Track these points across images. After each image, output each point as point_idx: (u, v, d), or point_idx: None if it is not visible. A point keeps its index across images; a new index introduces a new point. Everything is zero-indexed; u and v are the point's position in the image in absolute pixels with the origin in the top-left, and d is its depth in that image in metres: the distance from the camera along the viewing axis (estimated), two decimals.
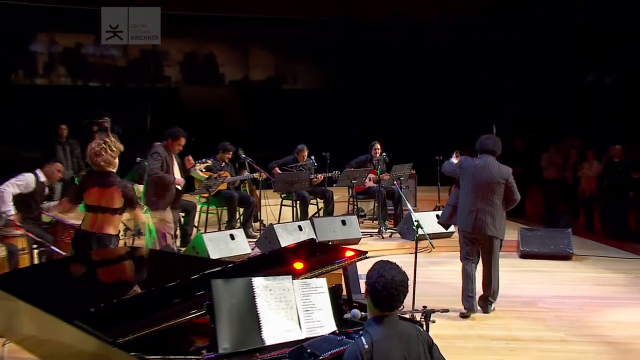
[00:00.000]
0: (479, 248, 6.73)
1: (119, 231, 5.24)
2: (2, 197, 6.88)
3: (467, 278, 6.73)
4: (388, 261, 3.12)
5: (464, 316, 6.62)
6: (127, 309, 3.56)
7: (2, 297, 4.40)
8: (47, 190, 7.55)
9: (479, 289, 6.77)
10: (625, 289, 8.17)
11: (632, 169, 11.61)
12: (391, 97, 14.27)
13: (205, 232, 8.75)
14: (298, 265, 3.76)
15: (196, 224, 9.32)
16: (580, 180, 12.57)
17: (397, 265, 3.10)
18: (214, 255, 7.93)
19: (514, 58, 14.27)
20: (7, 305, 4.37)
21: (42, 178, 7.39)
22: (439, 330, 3.98)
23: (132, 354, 3.19)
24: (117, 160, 5.18)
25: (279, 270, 3.67)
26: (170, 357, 3.24)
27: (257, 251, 8.67)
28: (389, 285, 2.98)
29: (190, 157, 8.30)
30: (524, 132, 14.23)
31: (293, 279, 3.53)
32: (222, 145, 9.41)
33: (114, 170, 5.17)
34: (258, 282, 3.43)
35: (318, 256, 4.05)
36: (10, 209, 6.90)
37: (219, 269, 3.89)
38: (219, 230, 9.03)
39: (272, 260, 4.06)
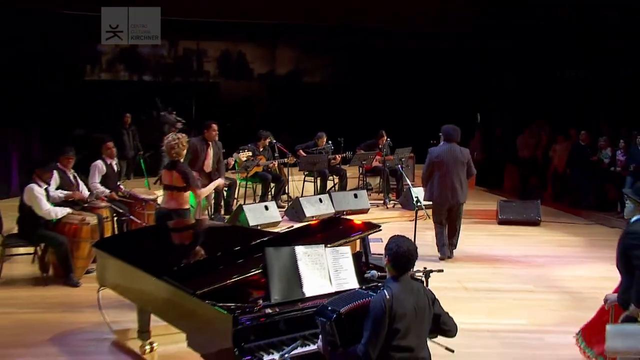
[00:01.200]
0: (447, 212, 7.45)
1: (189, 206, 5.58)
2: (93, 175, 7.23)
3: (441, 234, 7.49)
4: (402, 236, 3.42)
5: (442, 259, 7.40)
6: (202, 268, 3.97)
7: (102, 256, 4.87)
8: (116, 167, 7.64)
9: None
10: (583, 249, 8.42)
11: (592, 152, 11.81)
12: (392, 89, 14.40)
13: (245, 203, 9.14)
14: (329, 237, 4.14)
15: (236, 196, 9.70)
16: (551, 159, 12.78)
17: (409, 239, 3.42)
18: (252, 222, 8.31)
19: (501, 57, 14.28)
20: (105, 261, 4.84)
21: (108, 160, 7.48)
22: (434, 284, 4.32)
23: (207, 302, 3.62)
24: (184, 152, 5.56)
25: (314, 240, 4.06)
26: (236, 304, 3.57)
27: (286, 219, 9.06)
28: (406, 254, 3.30)
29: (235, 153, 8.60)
30: (503, 119, 14.34)
31: (325, 247, 3.89)
32: (260, 133, 9.63)
33: (182, 160, 5.56)
34: (299, 249, 3.80)
35: (342, 229, 4.41)
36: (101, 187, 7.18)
37: (268, 237, 4.30)
38: (255, 202, 9.44)
39: (309, 232, 4.44)
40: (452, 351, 3.86)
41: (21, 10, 10.60)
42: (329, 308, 3.25)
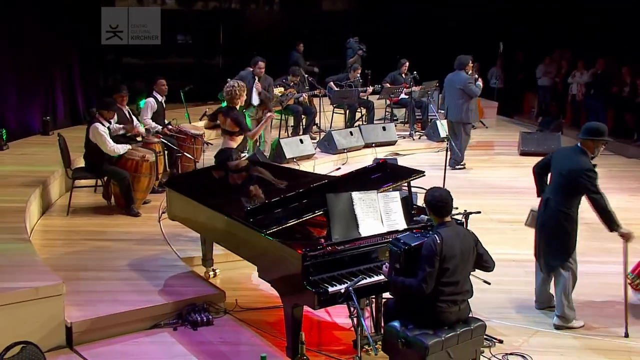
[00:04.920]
0: None
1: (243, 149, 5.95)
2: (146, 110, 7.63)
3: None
4: (436, 186, 3.88)
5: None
6: (270, 208, 4.41)
7: (171, 192, 5.37)
8: (164, 104, 7.93)
9: None
10: (601, 180, 8.69)
11: (613, 81, 11.90)
12: (417, 19, 14.34)
13: (279, 136, 9.54)
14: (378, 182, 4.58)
15: (270, 127, 10.00)
16: (570, 86, 12.90)
17: (442, 187, 3.87)
18: (288, 155, 8.75)
19: None
20: (175, 198, 5.34)
21: (160, 97, 7.87)
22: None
23: (277, 240, 4.10)
24: (240, 99, 5.87)
25: (365, 185, 4.49)
26: (302, 241, 4.08)
27: (319, 151, 9.47)
28: (439, 199, 3.75)
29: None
30: (525, 47, 14.32)
31: (377, 192, 4.33)
32: (291, 69, 9.88)
33: (237, 107, 5.89)
34: (355, 195, 4.21)
35: (390, 175, 4.82)
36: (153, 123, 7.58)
37: (324, 182, 4.72)
38: (287, 134, 9.85)
39: (360, 177, 4.86)
40: (489, 284, 4.39)
41: None
42: (402, 241, 3.73)
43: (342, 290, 3.78)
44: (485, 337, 4.25)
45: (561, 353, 4.41)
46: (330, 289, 3.88)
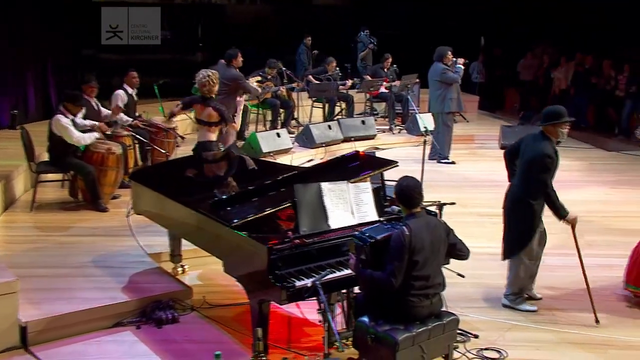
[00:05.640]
0: None
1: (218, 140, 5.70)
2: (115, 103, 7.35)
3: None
4: (406, 175, 3.69)
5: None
6: (235, 200, 4.24)
7: (138, 186, 5.16)
8: (135, 97, 7.72)
9: None
10: (582, 173, 8.72)
11: (595, 74, 11.90)
12: (398, 13, 14.21)
13: (256, 130, 9.36)
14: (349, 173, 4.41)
15: (247, 121, 9.81)
16: (552, 81, 12.87)
17: (412, 177, 3.67)
18: (265, 149, 8.57)
19: None
20: (140, 191, 5.13)
21: (130, 90, 7.63)
22: (445, 210, 4.69)
23: (243, 233, 3.90)
24: (215, 88, 5.63)
25: (337, 176, 4.32)
26: (268, 235, 3.89)
27: (297, 145, 9.30)
28: (406, 189, 3.58)
29: (251, 77, 8.64)
30: (505, 42, 14.24)
31: (347, 183, 4.15)
32: (269, 62, 9.66)
33: (213, 96, 5.65)
34: (325, 185, 4.03)
35: (362, 165, 4.65)
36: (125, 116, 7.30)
37: (294, 173, 4.55)
38: (265, 128, 9.65)
39: (331, 168, 4.69)
40: (463, 276, 4.24)
41: None
42: (367, 234, 3.55)
43: (309, 285, 3.61)
44: (460, 331, 4.12)
45: (537, 347, 4.28)
46: (298, 284, 3.72)
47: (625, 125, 11.01)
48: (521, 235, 4.72)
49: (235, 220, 3.96)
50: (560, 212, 4.61)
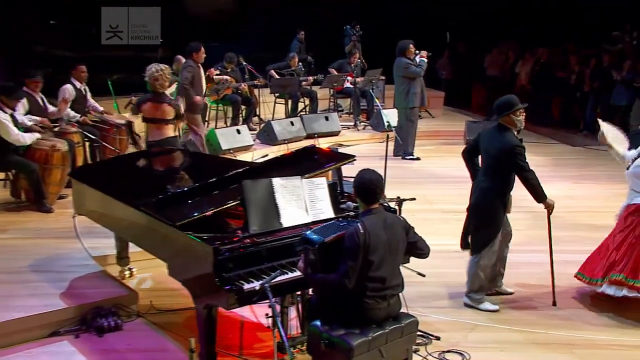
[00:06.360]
0: None
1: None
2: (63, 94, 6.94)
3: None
4: (366, 168, 3.44)
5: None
6: (181, 199, 3.95)
7: (78, 185, 4.81)
8: (85, 92, 7.35)
9: None
10: (548, 169, 8.61)
11: (558, 68, 11.89)
12: (363, 8, 14.03)
13: (216, 127, 9.04)
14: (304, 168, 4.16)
15: (207, 119, 9.55)
16: (517, 76, 12.84)
17: (373, 170, 3.42)
18: (224, 146, 8.27)
19: None
20: (82, 190, 4.78)
21: (78, 84, 7.24)
22: (406, 206, 4.50)
23: (188, 233, 3.62)
24: (167, 83, 5.33)
25: (290, 171, 4.06)
26: (216, 234, 3.61)
27: (258, 142, 9.03)
28: (367, 184, 3.33)
29: (212, 69, 8.32)
30: (470, 38, 14.17)
31: (301, 178, 3.91)
32: (227, 56, 9.39)
33: (166, 91, 5.35)
34: (276, 181, 3.79)
35: (317, 160, 4.40)
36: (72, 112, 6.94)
37: (245, 169, 4.28)
38: (226, 125, 9.34)
39: (284, 163, 4.43)
40: (424, 275, 4.03)
41: None
42: (314, 236, 3.29)
43: (257, 288, 3.35)
44: (420, 333, 3.90)
45: (501, 349, 4.09)
46: (246, 287, 3.44)
47: (589, 121, 11.00)
48: (486, 233, 4.57)
49: (180, 220, 3.68)
50: (541, 196, 4.55)
